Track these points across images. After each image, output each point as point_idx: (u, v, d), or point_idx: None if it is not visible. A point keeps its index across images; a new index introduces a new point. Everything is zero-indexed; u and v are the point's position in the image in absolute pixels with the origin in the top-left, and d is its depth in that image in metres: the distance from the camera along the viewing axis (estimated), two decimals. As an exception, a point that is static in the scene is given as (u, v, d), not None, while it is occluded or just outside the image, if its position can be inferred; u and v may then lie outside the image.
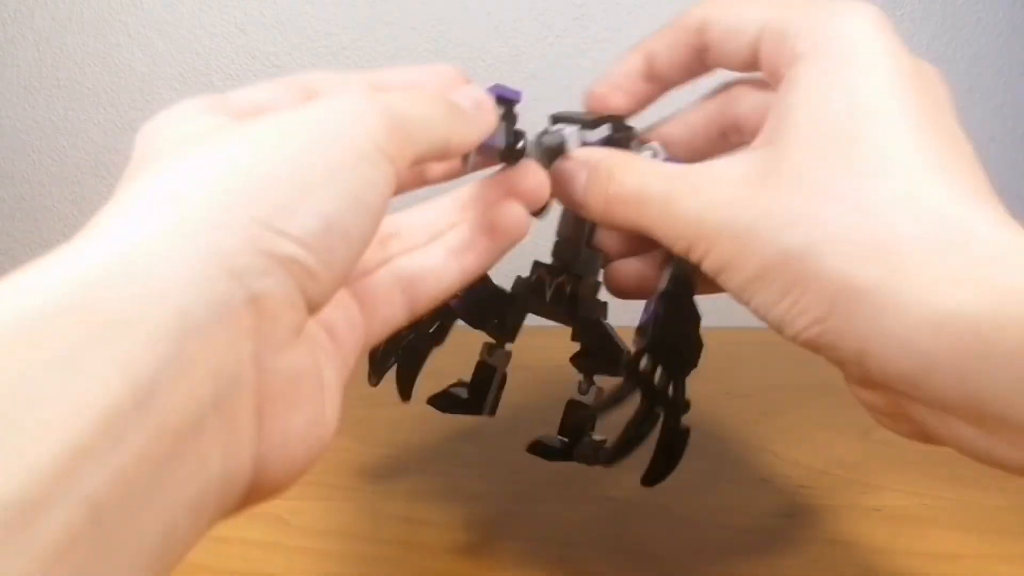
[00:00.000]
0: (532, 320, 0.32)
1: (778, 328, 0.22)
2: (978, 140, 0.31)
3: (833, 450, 0.39)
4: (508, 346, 0.32)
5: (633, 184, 0.25)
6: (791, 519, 0.34)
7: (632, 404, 0.27)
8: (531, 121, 0.63)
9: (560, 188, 0.27)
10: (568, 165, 0.27)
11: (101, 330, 0.14)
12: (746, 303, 0.23)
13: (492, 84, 0.27)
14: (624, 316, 0.31)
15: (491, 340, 0.32)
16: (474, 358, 0.31)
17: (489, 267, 0.27)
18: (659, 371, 0.27)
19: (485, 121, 0.25)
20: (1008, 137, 0.63)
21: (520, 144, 0.27)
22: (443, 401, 0.32)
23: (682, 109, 0.29)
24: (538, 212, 0.29)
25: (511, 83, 0.64)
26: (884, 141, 0.21)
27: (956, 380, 0.18)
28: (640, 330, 0.27)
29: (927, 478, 0.37)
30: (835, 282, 0.20)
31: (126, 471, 0.13)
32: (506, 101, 0.27)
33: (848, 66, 0.22)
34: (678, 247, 0.24)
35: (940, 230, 0.19)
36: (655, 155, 0.27)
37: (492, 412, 0.33)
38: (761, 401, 0.45)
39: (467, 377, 0.32)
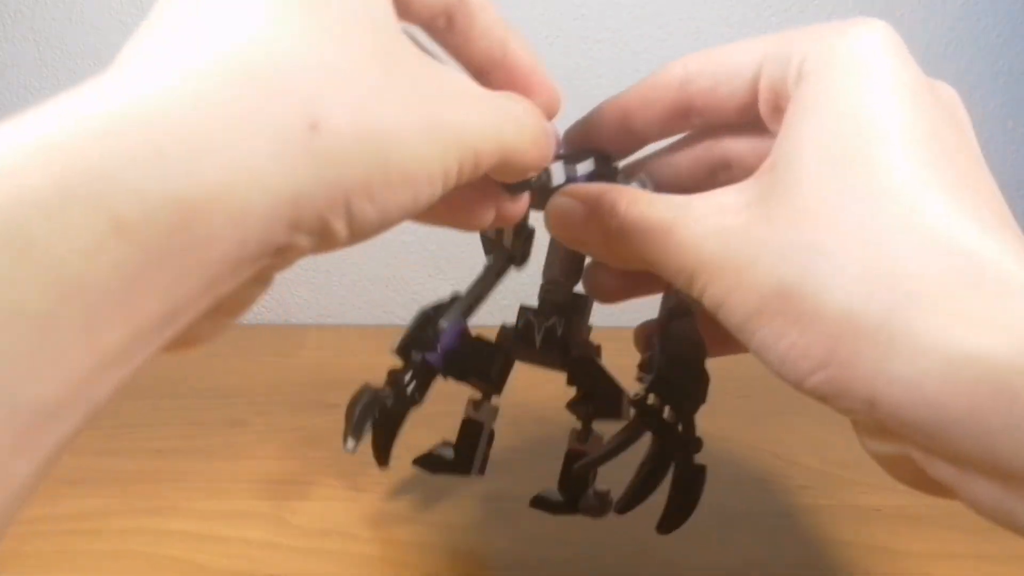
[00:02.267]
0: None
1: (780, 373, 0.20)
2: (978, 140, 0.31)
3: (833, 450, 0.39)
4: (495, 399, 0.31)
5: (635, 215, 0.23)
6: (791, 519, 0.34)
7: (639, 448, 0.27)
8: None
9: (558, 223, 0.26)
10: (564, 200, 0.25)
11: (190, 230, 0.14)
12: (747, 343, 0.21)
13: None
14: (609, 318, 0.31)
15: (476, 395, 0.31)
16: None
17: (423, 223, 0.25)
18: (666, 409, 0.26)
19: (549, 158, 0.24)
20: (1008, 137, 0.63)
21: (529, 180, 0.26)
22: (429, 462, 0.31)
23: (665, 147, 0.28)
24: (519, 262, 0.30)
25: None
26: (890, 163, 0.19)
27: (974, 434, 0.16)
28: (643, 366, 0.27)
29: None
30: (836, 319, 0.18)
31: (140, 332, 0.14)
32: None
33: (854, 83, 0.20)
34: (680, 280, 0.22)
35: (952, 262, 0.17)
36: (644, 186, 0.26)
37: (481, 471, 0.32)
38: (761, 401, 0.45)
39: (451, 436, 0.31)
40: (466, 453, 0.31)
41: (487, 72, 0.25)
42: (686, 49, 0.69)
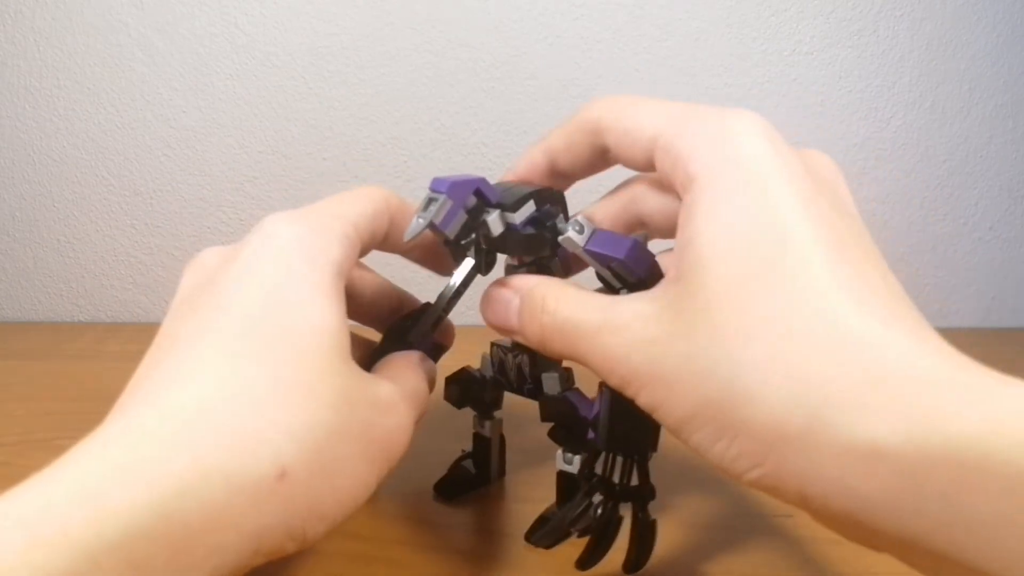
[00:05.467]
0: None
1: (720, 469, 0.21)
2: (978, 140, 0.31)
3: (833, 450, 0.39)
4: (497, 414, 0.34)
5: (565, 315, 0.24)
6: (791, 519, 0.34)
7: None
8: (532, 120, 0.62)
9: (494, 314, 0.27)
10: (500, 292, 0.27)
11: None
12: (685, 442, 0.22)
13: (475, 179, 0.26)
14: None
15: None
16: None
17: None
18: (619, 461, 0.28)
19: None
20: (1008, 137, 0.63)
21: (471, 236, 0.27)
22: (450, 487, 0.35)
23: (592, 204, 0.29)
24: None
25: (511, 83, 0.64)
26: (795, 275, 0.20)
27: (893, 520, 0.18)
28: (591, 425, 0.28)
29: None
30: (763, 427, 0.19)
31: None
32: (481, 196, 0.26)
33: (744, 192, 0.21)
34: (611, 383, 0.23)
35: (860, 362, 0.19)
36: (581, 230, 0.27)
37: (501, 475, 0.36)
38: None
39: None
40: (482, 465, 0.35)
41: (410, 251, 0.31)
42: (686, 49, 0.70)
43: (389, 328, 0.32)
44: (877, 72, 0.62)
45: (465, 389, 0.34)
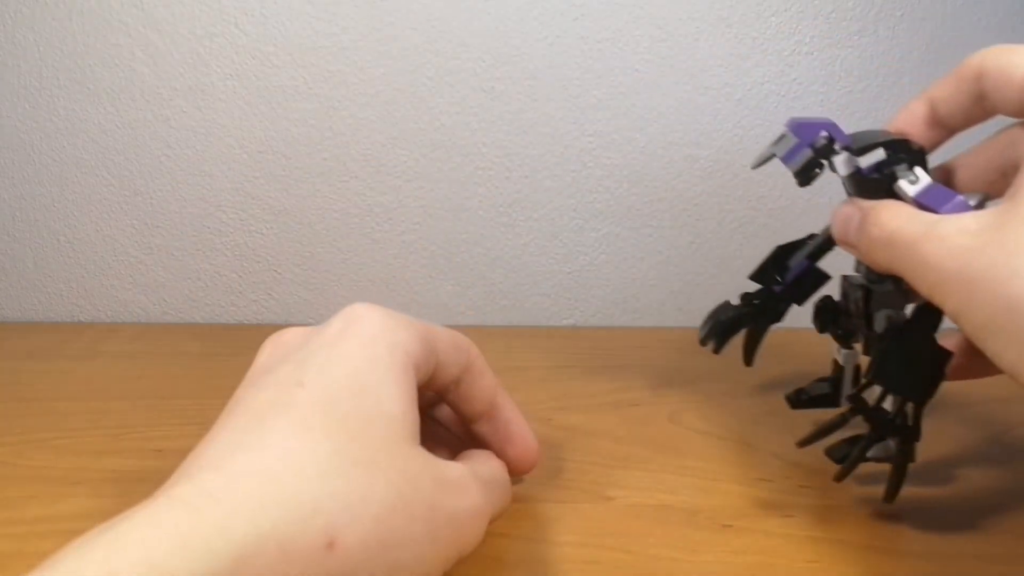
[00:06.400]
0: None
1: (1012, 377, 0.22)
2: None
3: (833, 450, 0.39)
4: (856, 346, 0.36)
5: (889, 227, 0.26)
6: (791, 519, 0.34)
7: None
8: (532, 120, 0.62)
9: (839, 227, 0.30)
10: (846, 209, 0.29)
11: None
12: (983, 350, 0.23)
13: (825, 122, 0.29)
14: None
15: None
16: None
17: None
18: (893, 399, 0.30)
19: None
20: (1008, 137, 0.63)
21: (814, 172, 0.30)
22: (802, 399, 0.37)
23: (964, 152, 0.30)
24: None
25: (511, 83, 0.64)
26: None
27: None
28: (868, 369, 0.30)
29: (926, 478, 0.37)
30: None
31: None
32: (827, 139, 0.29)
33: None
34: (922, 291, 0.25)
35: None
36: (915, 180, 0.28)
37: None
38: (761, 401, 0.45)
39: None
40: (834, 389, 0.37)
41: (477, 420, 0.31)
42: (686, 49, 0.69)
43: (775, 248, 0.36)
44: (877, 72, 0.62)
45: (826, 316, 0.35)
